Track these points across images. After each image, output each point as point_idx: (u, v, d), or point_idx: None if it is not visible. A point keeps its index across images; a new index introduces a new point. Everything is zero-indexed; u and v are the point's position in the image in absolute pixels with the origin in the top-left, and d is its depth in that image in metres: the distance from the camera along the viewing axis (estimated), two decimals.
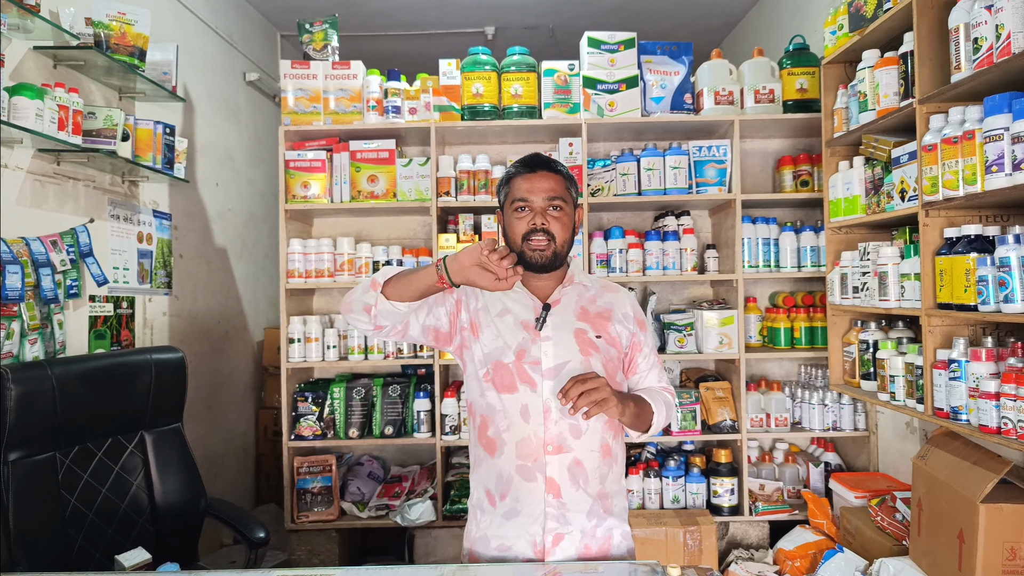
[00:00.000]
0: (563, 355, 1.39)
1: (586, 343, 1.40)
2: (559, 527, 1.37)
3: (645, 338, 1.49)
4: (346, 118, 2.85)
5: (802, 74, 2.86)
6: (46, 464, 1.81)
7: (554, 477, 1.36)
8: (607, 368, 1.41)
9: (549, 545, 1.37)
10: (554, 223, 1.38)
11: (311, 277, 2.85)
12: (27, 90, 1.98)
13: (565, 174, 1.43)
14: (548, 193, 1.38)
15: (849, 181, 2.37)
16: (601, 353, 1.41)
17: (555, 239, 1.38)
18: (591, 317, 1.43)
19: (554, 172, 1.41)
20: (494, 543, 1.40)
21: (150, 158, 2.53)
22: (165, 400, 2.14)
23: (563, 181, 1.41)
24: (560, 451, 1.37)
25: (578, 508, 1.38)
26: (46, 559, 1.73)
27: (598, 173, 2.91)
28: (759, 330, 2.97)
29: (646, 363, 1.49)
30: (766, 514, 2.77)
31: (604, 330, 1.43)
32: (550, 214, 1.38)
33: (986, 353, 1.73)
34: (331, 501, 2.79)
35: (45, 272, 2.14)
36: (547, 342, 1.39)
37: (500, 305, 1.43)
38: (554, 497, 1.37)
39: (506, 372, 1.39)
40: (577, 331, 1.41)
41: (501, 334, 1.41)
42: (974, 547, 1.76)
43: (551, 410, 1.37)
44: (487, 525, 1.42)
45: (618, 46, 2.86)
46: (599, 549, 1.40)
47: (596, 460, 1.39)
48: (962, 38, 1.71)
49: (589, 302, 1.46)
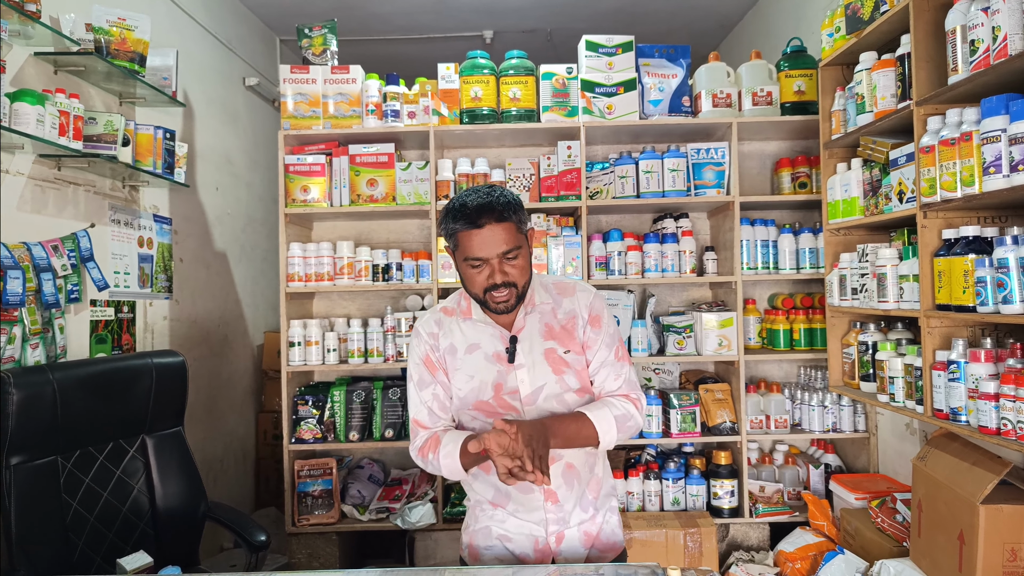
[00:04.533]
0: (538, 379, 1.40)
1: (557, 362, 1.41)
2: (560, 528, 1.43)
3: (597, 335, 1.44)
4: (345, 122, 2.85)
5: (800, 76, 2.88)
6: (47, 468, 1.81)
7: (552, 487, 1.40)
8: (580, 378, 1.43)
9: (553, 544, 1.43)
10: (512, 271, 1.34)
11: (311, 281, 2.86)
12: (28, 96, 1.98)
13: (513, 214, 1.33)
14: (501, 247, 1.32)
15: (847, 183, 2.38)
16: (572, 367, 1.42)
17: (516, 285, 1.35)
18: (556, 333, 1.43)
19: (501, 221, 1.31)
20: (496, 531, 1.45)
21: (150, 163, 2.54)
22: (166, 404, 2.14)
23: (512, 226, 1.33)
24: (552, 461, 1.39)
25: (574, 503, 1.44)
26: (47, 563, 1.73)
27: (596, 176, 2.92)
28: (758, 332, 2.97)
29: (600, 359, 1.44)
30: (766, 516, 2.78)
31: (571, 342, 1.43)
32: (507, 265, 1.33)
33: (985, 354, 1.73)
34: (331, 504, 2.79)
35: (46, 277, 2.14)
36: (521, 370, 1.40)
37: (466, 342, 1.43)
38: (552, 503, 1.42)
39: (488, 406, 1.41)
40: (547, 351, 1.41)
41: (475, 373, 1.42)
42: (974, 548, 1.76)
43: None
44: (488, 519, 1.47)
45: (616, 49, 2.87)
46: (597, 532, 1.47)
47: (583, 456, 1.45)
48: (959, 40, 1.72)
49: (551, 317, 1.45)
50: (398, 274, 2.89)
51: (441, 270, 2.84)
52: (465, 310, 1.46)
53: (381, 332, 2.86)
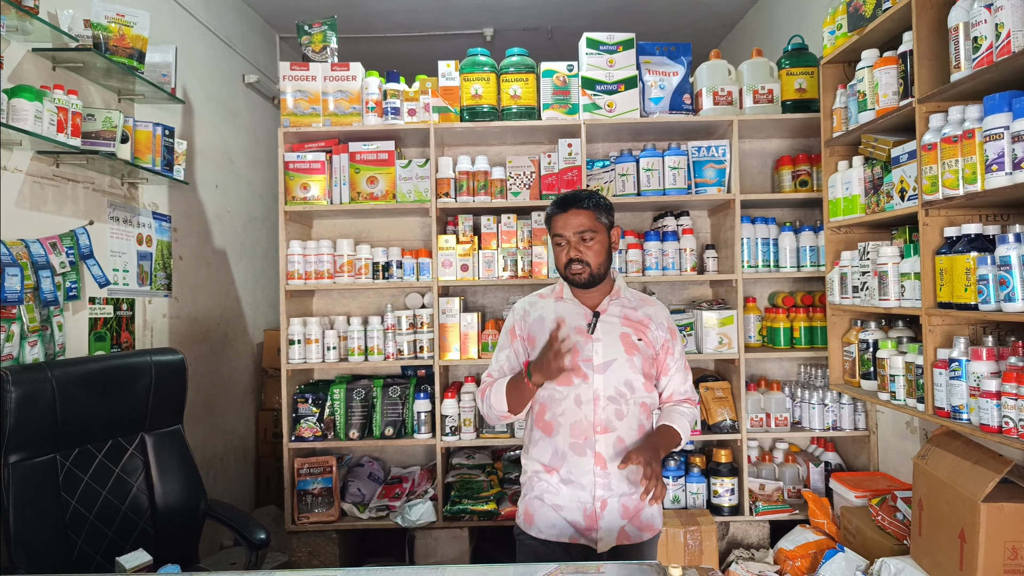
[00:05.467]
0: (611, 354, 1.65)
1: (630, 344, 1.67)
2: (605, 494, 1.63)
3: (674, 345, 1.74)
4: (345, 120, 2.85)
5: (801, 74, 2.87)
6: (46, 466, 1.81)
7: (601, 452, 1.63)
8: (644, 365, 1.68)
9: (599, 509, 1.63)
10: (586, 252, 1.65)
11: (311, 278, 2.85)
12: (26, 92, 1.97)
13: (594, 206, 1.66)
14: (578, 228, 1.64)
15: (848, 181, 2.37)
16: (641, 353, 1.67)
17: (590, 264, 1.65)
18: (633, 323, 1.70)
19: (582, 208, 1.65)
20: (549, 501, 1.66)
21: (149, 160, 2.53)
22: (165, 402, 2.14)
23: (592, 213, 1.65)
24: (607, 431, 1.63)
25: (619, 477, 1.64)
26: (46, 561, 1.73)
27: (597, 174, 2.91)
28: (758, 330, 2.97)
29: (675, 366, 1.75)
30: (766, 514, 2.77)
31: (644, 334, 1.69)
32: (582, 245, 1.64)
33: (987, 352, 1.73)
34: (331, 502, 2.79)
35: (45, 274, 2.13)
36: (598, 343, 1.66)
37: (555, 315, 1.69)
38: (601, 468, 1.63)
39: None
40: (623, 334, 1.68)
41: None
42: (975, 546, 1.76)
43: (600, 398, 1.64)
44: (543, 488, 1.68)
45: (617, 47, 2.86)
46: (635, 508, 1.66)
47: (634, 438, 1.66)
48: (961, 37, 1.71)
49: (631, 311, 1.72)
50: (398, 272, 2.89)
51: (441, 268, 2.84)
52: (558, 293, 1.76)
53: (381, 330, 2.85)
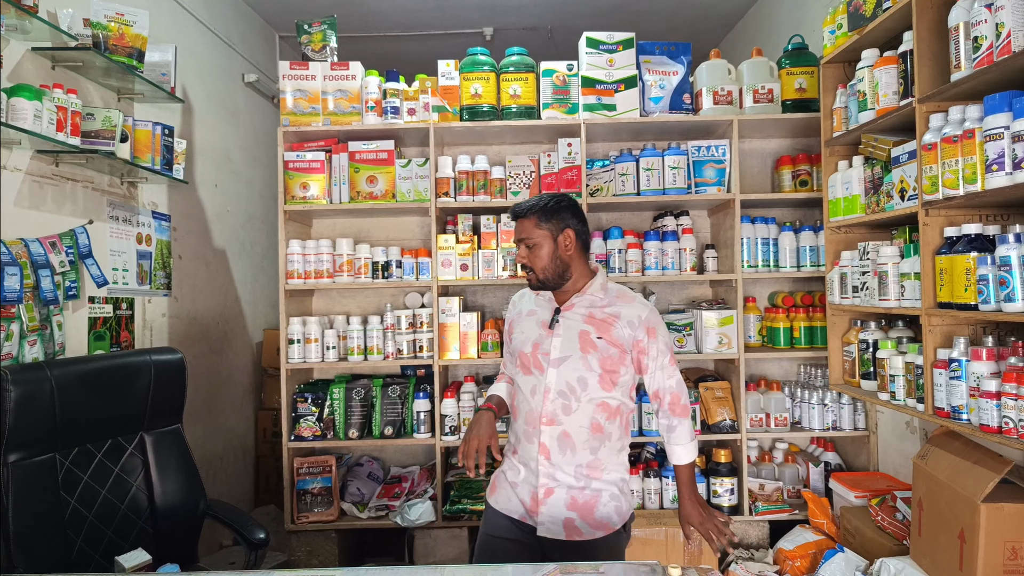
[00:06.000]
0: (567, 350, 1.69)
1: (587, 342, 1.68)
2: (549, 483, 1.68)
3: (652, 344, 1.71)
4: (345, 119, 2.84)
5: (801, 74, 2.87)
6: (46, 466, 1.81)
7: (546, 443, 1.68)
8: (603, 363, 1.67)
9: (542, 495, 1.68)
10: (531, 258, 1.72)
11: (310, 278, 2.85)
12: (25, 91, 1.97)
13: (536, 214, 1.72)
14: (520, 236, 1.74)
15: (848, 181, 2.37)
16: (599, 352, 1.67)
17: (534, 270, 1.72)
18: (596, 321, 1.70)
19: (524, 218, 1.73)
20: (509, 478, 1.76)
21: (149, 159, 2.53)
22: (164, 401, 2.14)
23: (533, 221, 1.72)
24: (552, 423, 1.68)
25: (565, 470, 1.67)
26: (45, 561, 1.73)
27: (597, 173, 2.91)
28: (758, 330, 2.97)
29: (654, 364, 1.73)
30: (766, 514, 2.77)
31: (606, 332, 1.69)
32: (527, 252, 1.73)
33: (987, 352, 1.73)
34: (331, 502, 2.79)
35: (44, 273, 2.13)
36: (557, 338, 1.71)
37: (531, 308, 1.81)
38: (545, 458, 1.68)
39: (526, 358, 1.74)
40: (581, 332, 1.69)
41: (526, 331, 1.77)
42: (975, 547, 1.75)
43: (550, 391, 1.68)
44: (508, 465, 1.79)
45: (617, 46, 2.86)
46: (584, 503, 1.67)
47: (585, 435, 1.67)
48: (962, 37, 1.71)
49: (598, 309, 1.72)
50: (398, 271, 2.88)
51: (441, 267, 2.84)
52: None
53: (381, 330, 2.85)
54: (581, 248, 1.75)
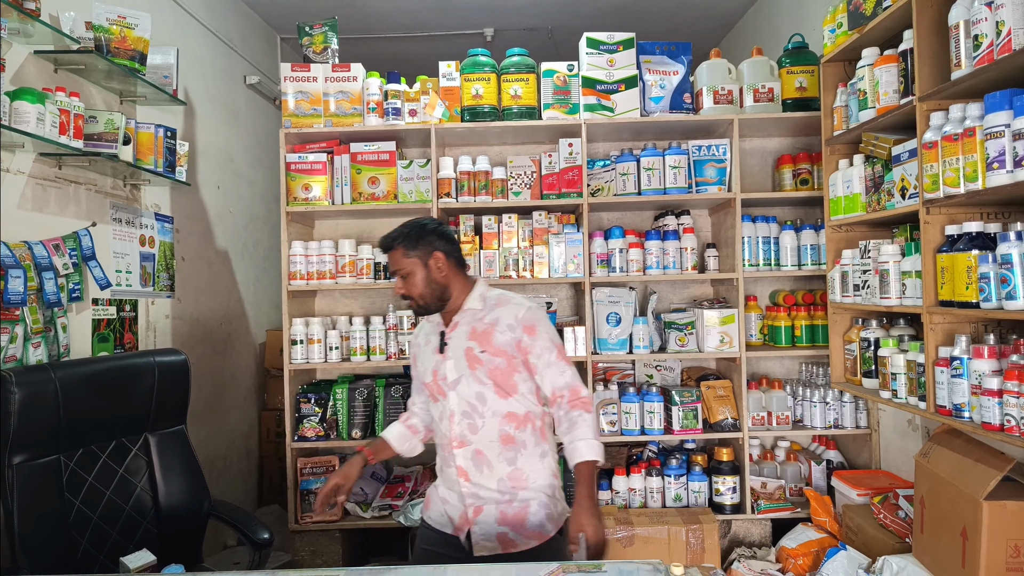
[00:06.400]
0: (460, 370, 1.69)
1: (473, 359, 1.68)
2: (476, 502, 1.69)
3: (534, 342, 1.68)
4: (346, 120, 2.85)
5: (801, 73, 2.87)
6: (50, 467, 1.82)
7: (462, 465, 1.69)
8: (494, 376, 1.66)
9: (471, 515, 1.69)
10: (407, 286, 1.71)
11: (313, 279, 2.86)
12: (28, 94, 1.98)
13: (401, 244, 1.69)
14: (392, 269, 1.73)
15: (849, 179, 2.37)
16: (485, 365, 1.67)
17: (413, 297, 1.71)
18: (478, 335, 1.70)
19: (391, 250, 1.71)
20: (442, 493, 1.77)
21: (151, 161, 2.54)
22: (168, 402, 2.15)
23: (400, 251, 1.70)
24: (463, 445, 1.69)
25: (488, 487, 1.68)
26: (50, 562, 1.73)
27: (598, 173, 2.91)
28: (760, 328, 2.97)
29: (542, 363, 1.69)
30: (768, 512, 2.78)
31: (488, 343, 1.68)
32: (403, 282, 1.72)
33: (988, 350, 1.73)
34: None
35: (48, 276, 2.14)
36: (449, 361, 1.71)
37: (426, 337, 1.81)
38: (465, 480, 1.69)
39: (430, 387, 1.75)
40: (467, 349, 1.69)
41: (424, 360, 1.78)
42: (977, 544, 1.76)
43: (455, 414, 1.69)
44: (440, 481, 1.80)
45: (617, 46, 2.86)
46: (514, 515, 1.68)
47: (497, 449, 1.68)
48: (962, 35, 1.71)
49: (478, 322, 1.71)
50: None
51: None
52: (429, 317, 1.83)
53: (383, 330, 2.86)
54: (455, 266, 1.74)
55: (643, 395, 2.84)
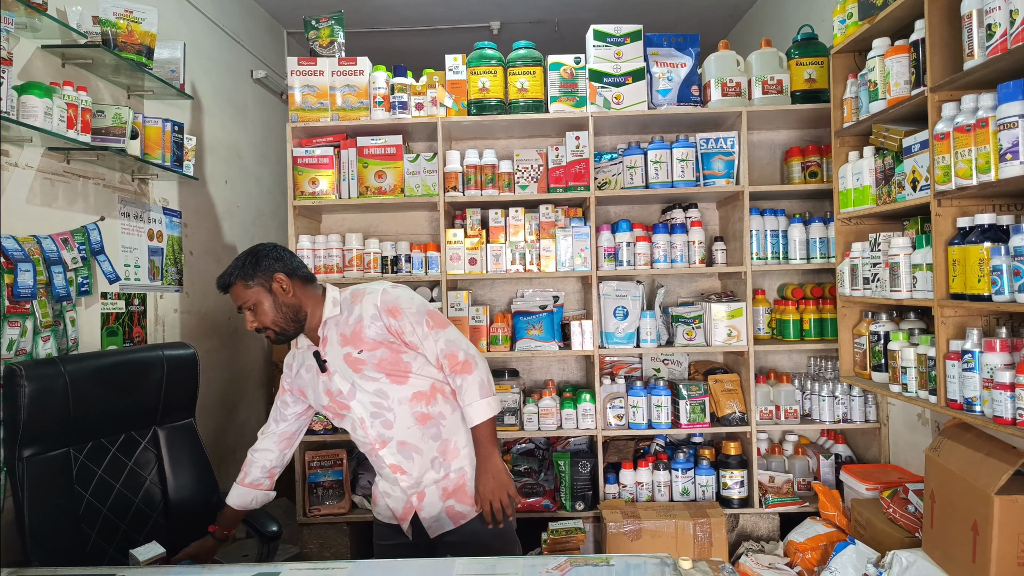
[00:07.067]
0: (348, 378, 1.69)
1: (354, 362, 1.68)
2: (416, 489, 1.72)
3: (401, 322, 1.67)
4: (353, 114, 2.85)
5: (810, 64, 2.84)
6: (60, 460, 1.83)
7: (393, 463, 1.72)
8: (382, 367, 1.66)
9: (416, 502, 1.73)
10: (258, 318, 1.67)
11: (320, 273, 2.86)
12: (36, 89, 1.99)
13: (238, 278, 1.66)
14: (238, 305, 1.69)
15: (859, 171, 2.35)
16: (368, 363, 1.66)
17: (268, 327, 1.68)
18: (348, 339, 1.69)
19: (231, 288, 1.67)
20: (383, 488, 1.80)
21: (159, 156, 2.54)
22: (177, 396, 2.16)
23: (239, 286, 1.66)
24: (384, 444, 1.71)
25: (422, 470, 1.71)
26: (60, 554, 1.75)
27: (605, 166, 2.90)
28: (768, 322, 2.96)
29: (417, 337, 1.68)
30: (776, 506, 2.77)
31: (362, 342, 1.67)
32: (251, 315, 1.68)
33: (1000, 343, 1.71)
34: (342, 495, 2.80)
35: (57, 270, 2.15)
36: (335, 376, 1.71)
37: (304, 363, 1.79)
38: (401, 474, 1.72)
39: (330, 408, 1.76)
40: (344, 356, 1.69)
41: (313, 386, 1.76)
42: (988, 539, 1.74)
43: (365, 420, 1.71)
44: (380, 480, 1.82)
45: (624, 39, 2.84)
46: (455, 488, 1.72)
47: (417, 431, 1.70)
48: (975, 24, 1.69)
49: (344, 326, 1.70)
50: (407, 266, 2.89)
51: (450, 262, 2.84)
52: (297, 342, 1.81)
53: None
54: (301, 284, 1.71)
55: (650, 389, 2.84)
